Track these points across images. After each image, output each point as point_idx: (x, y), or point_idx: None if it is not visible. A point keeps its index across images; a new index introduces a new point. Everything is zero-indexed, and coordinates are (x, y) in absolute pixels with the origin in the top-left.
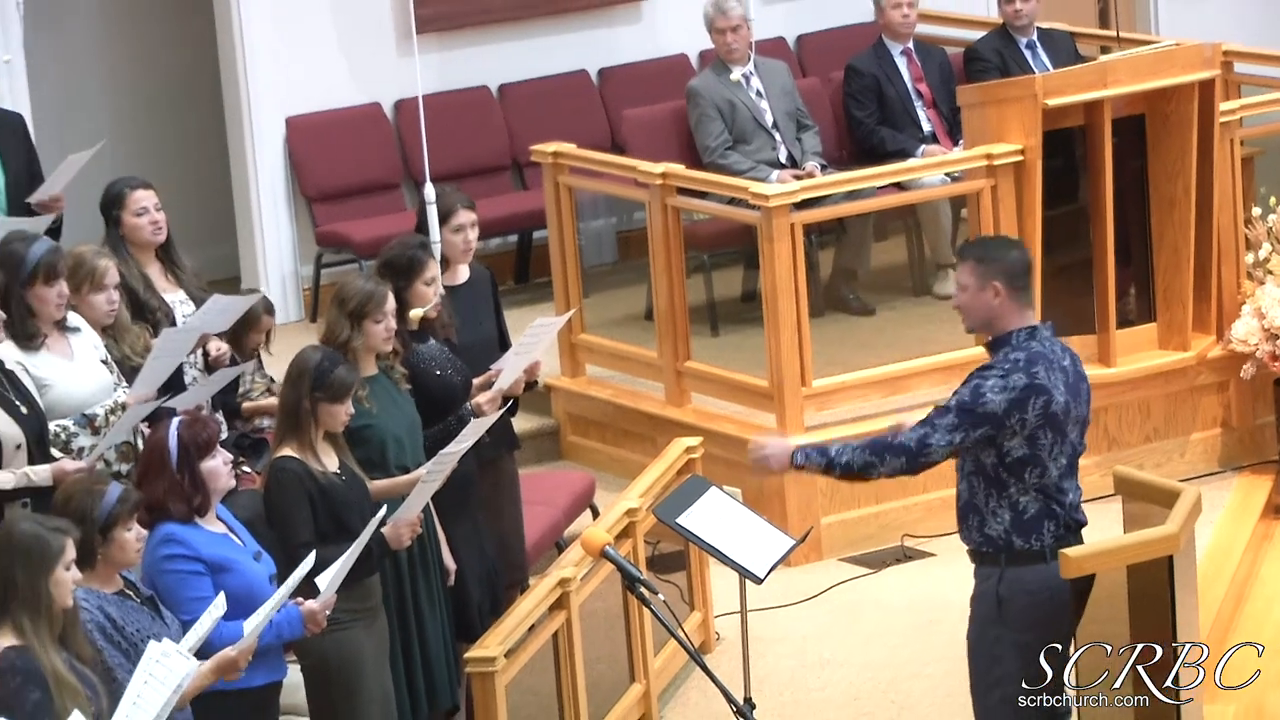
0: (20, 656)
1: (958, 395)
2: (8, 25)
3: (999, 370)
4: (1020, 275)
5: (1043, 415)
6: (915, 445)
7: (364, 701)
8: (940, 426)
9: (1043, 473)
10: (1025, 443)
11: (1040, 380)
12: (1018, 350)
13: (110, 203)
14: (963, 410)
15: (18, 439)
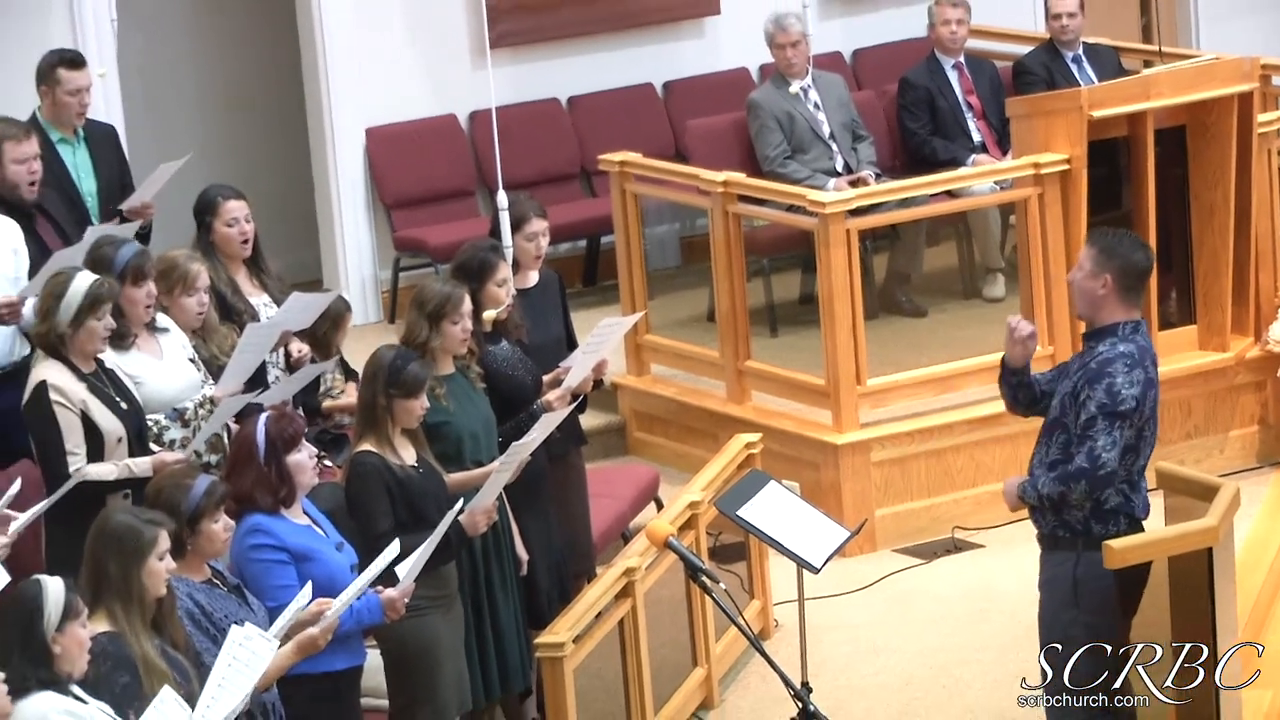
0: (112, 642)
1: (1094, 403)
2: (103, 41)
3: (1122, 366)
4: (1133, 276)
5: (1152, 408)
6: (1089, 464)
7: (440, 684)
8: (1098, 434)
9: (1133, 462)
10: (1135, 434)
11: (1151, 375)
12: (1125, 343)
13: (204, 209)
14: (1107, 414)
15: (119, 433)
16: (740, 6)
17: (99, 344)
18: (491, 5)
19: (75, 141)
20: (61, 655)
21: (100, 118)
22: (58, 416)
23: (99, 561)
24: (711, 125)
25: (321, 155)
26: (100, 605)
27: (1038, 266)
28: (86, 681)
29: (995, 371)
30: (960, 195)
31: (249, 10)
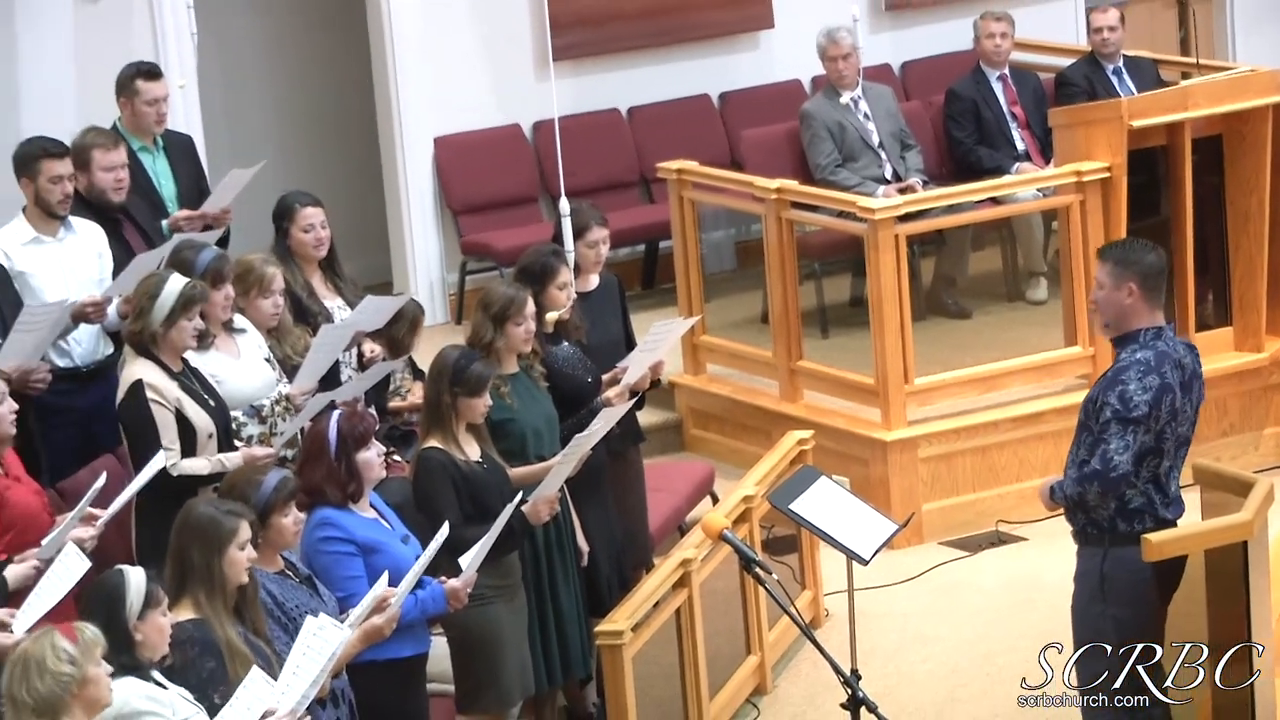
0: (198, 628)
1: (1109, 410)
2: (183, 54)
3: (1135, 373)
4: (1154, 278)
5: (1170, 412)
6: (1102, 465)
7: (504, 670)
8: (1111, 439)
9: (1158, 464)
10: (1154, 438)
11: (1168, 379)
12: (1145, 349)
13: (281, 214)
14: (1120, 420)
15: (209, 429)
16: (793, 20)
17: (188, 343)
18: (555, 19)
19: (155, 150)
20: (143, 642)
21: (180, 128)
22: (154, 414)
23: (183, 551)
24: (765, 135)
25: (392, 163)
26: (185, 593)
27: (1079, 270)
28: (174, 667)
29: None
30: (1004, 202)
31: (323, 24)
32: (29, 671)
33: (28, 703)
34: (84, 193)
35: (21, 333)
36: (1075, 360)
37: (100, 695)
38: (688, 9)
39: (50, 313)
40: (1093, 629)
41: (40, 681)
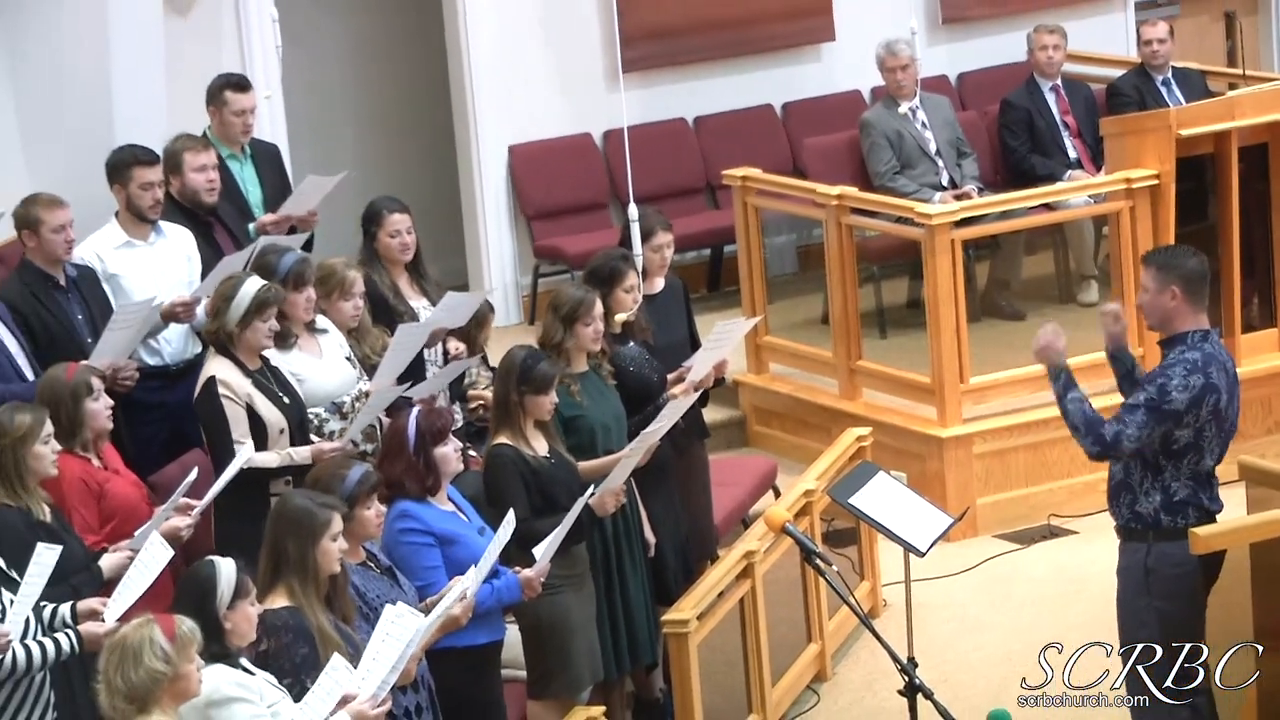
0: (292, 615)
1: (1145, 394)
2: (269, 66)
3: (1181, 370)
4: (1196, 282)
5: (1212, 411)
6: (1111, 438)
7: (573, 657)
8: (1132, 423)
9: (1198, 461)
10: (1193, 434)
11: (1214, 380)
12: (1192, 350)
13: (370, 219)
14: (1151, 409)
15: (281, 424)
16: (854, 33)
17: (263, 343)
18: (624, 32)
19: (243, 158)
20: (232, 631)
21: (266, 136)
22: (225, 409)
23: (278, 541)
24: (826, 143)
25: (468, 170)
26: (280, 582)
27: (1129, 274)
28: (268, 653)
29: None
30: (1057, 208)
31: (402, 38)
32: (125, 661)
33: (121, 689)
34: (177, 195)
35: (114, 331)
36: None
37: (190, 689)
38: (752, 23)
39: (140, 311)
40: (1138, 621)
41: (135, 673)
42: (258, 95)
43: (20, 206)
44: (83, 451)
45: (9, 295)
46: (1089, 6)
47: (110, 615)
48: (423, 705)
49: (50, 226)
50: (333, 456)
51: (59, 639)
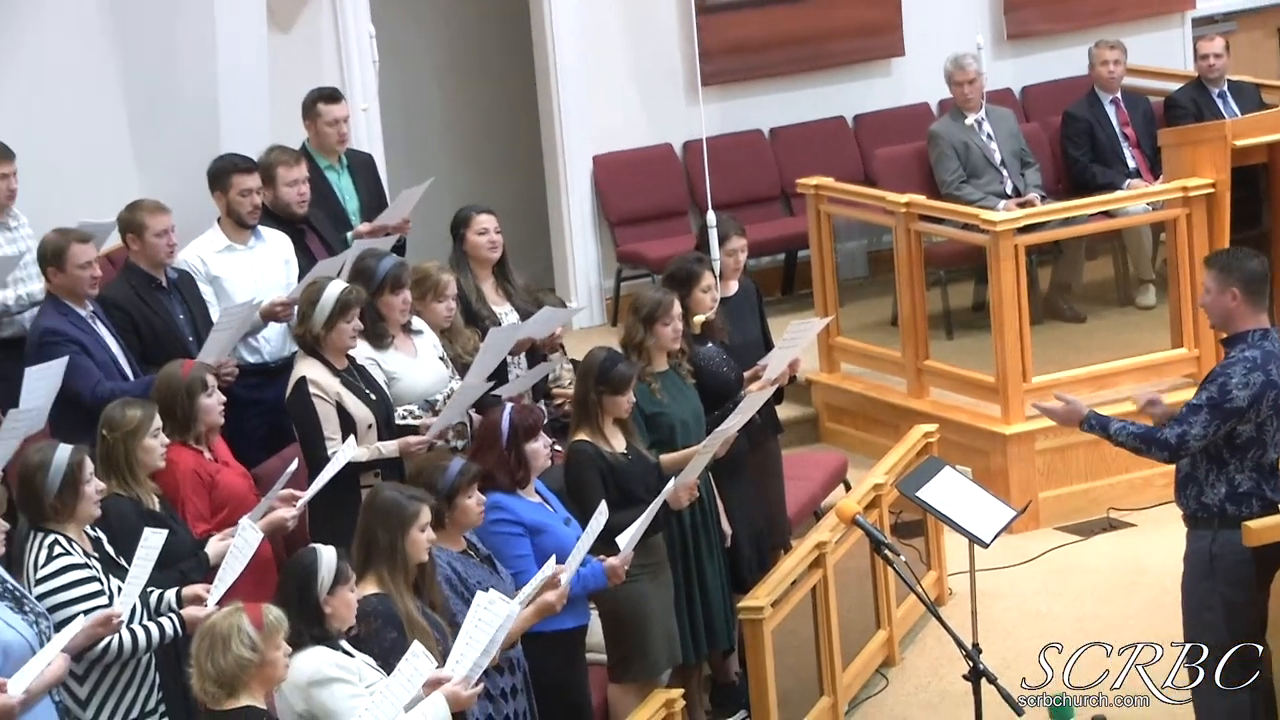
0: (382, 602)
1: (1207, 393)
2: (366, 80)
3: (1241, 369)
4: (1256, 283)
5: (1273, 407)
6: (1176, 441)
7: (652, 642)
8: (1196, 423)
9: (1262, 454)
10: (1255, 429)
11: (1273, 377)
12: (1253, 349)
13: (459, 223)
14: (1214, 407)
15: (369, 420)
16: (923, 48)
17: (348, 343)
18: (704, 48)
19: (340, 168)
20: (332, 615)
21: (363, 147)
22: (316, 408)
23: (369, 531)
24: (896, 153)
25: (555, 179)
26: (370, 570)
27: (1185, 278)
28: (359, 637)
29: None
30: (1116, 215)
31: (492, 53)
32: (215, 647)
33: (210, 674)
34: (270, 206)
35: (219, 331)
36: (1181, 361)
37: (276, 675)
38: (826, 38)
39: (241, 312)
40: (1202, 605)
41: (223, 659)
42: (355, 107)
43: (125, 212)
44: (195, 444)
45: (116, 296)
46: (1148, 23)
47: (212, 600)
48: (518, 687)
49: (153, 231)
50: (419, 448)
51: (163, 623)
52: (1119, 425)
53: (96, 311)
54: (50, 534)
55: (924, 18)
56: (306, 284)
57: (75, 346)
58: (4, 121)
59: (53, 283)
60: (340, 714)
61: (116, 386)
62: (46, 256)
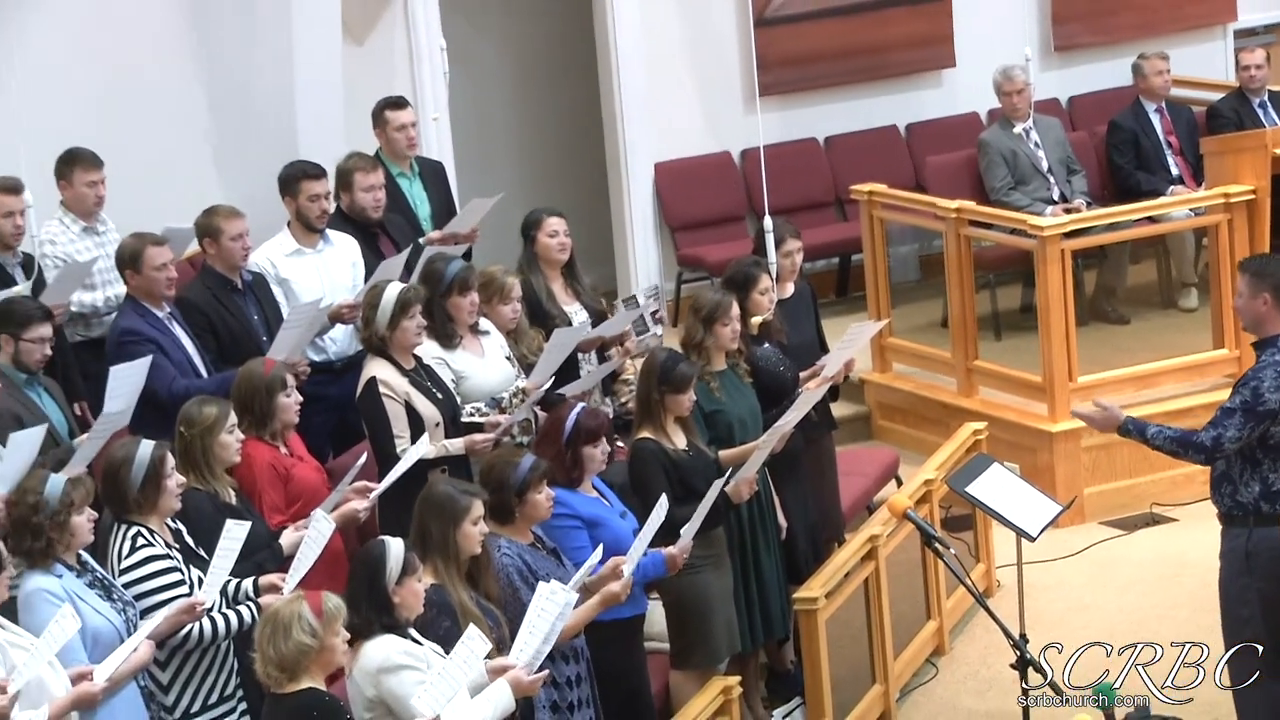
0: (437, 592)
1: (1240, 396)
2: (437, 91)
3: (1272, 373)
4: None
5: None
6: (1211, 444)
7: (712, 630)
8: (1230, 426)
9: None
10: None
11: None
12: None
13: (530, 224)
14: (1247, 410)
15: (436, 418)
16: (973, 60)
17: (413, 340)
18: (761, 60)
19: (411, 175)
20: (400, 604)
21: (433, 155)
22: (386, 407)
23: (423, 524)
24: (947, 161)
25: (618, 186)
26: (425, 561)
27: (1226, 281)
28: (416, 626)
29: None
30: (1160, 220)
31: (558, 65)
32: (276, 634)
33: (273, 659)
34: (346, 210)
35: (287, 330)
36: (1222, 361)
37: (335, 660)
38: (879, 50)
39: (308, 311)
40: (1239, 601)
41: (284, 645)
42: (426, 117)
43: (201, 217)
44: (272, 440)
45: (193, 298)
46: (1191, 35)
47: (287, 588)
48: (582, 675)
49: (229, 235)
50: (484, 446)
51: (241, 611)
52: (1155, 430)
53: (174, 313)
54: (133, 526)
55: (974, 31)
56: (369, 287)
57: (152, 346)
58: (92, 131)
59: (130, 285)
60: (408, 699)
61: (191, 384)
62: (124, 259)
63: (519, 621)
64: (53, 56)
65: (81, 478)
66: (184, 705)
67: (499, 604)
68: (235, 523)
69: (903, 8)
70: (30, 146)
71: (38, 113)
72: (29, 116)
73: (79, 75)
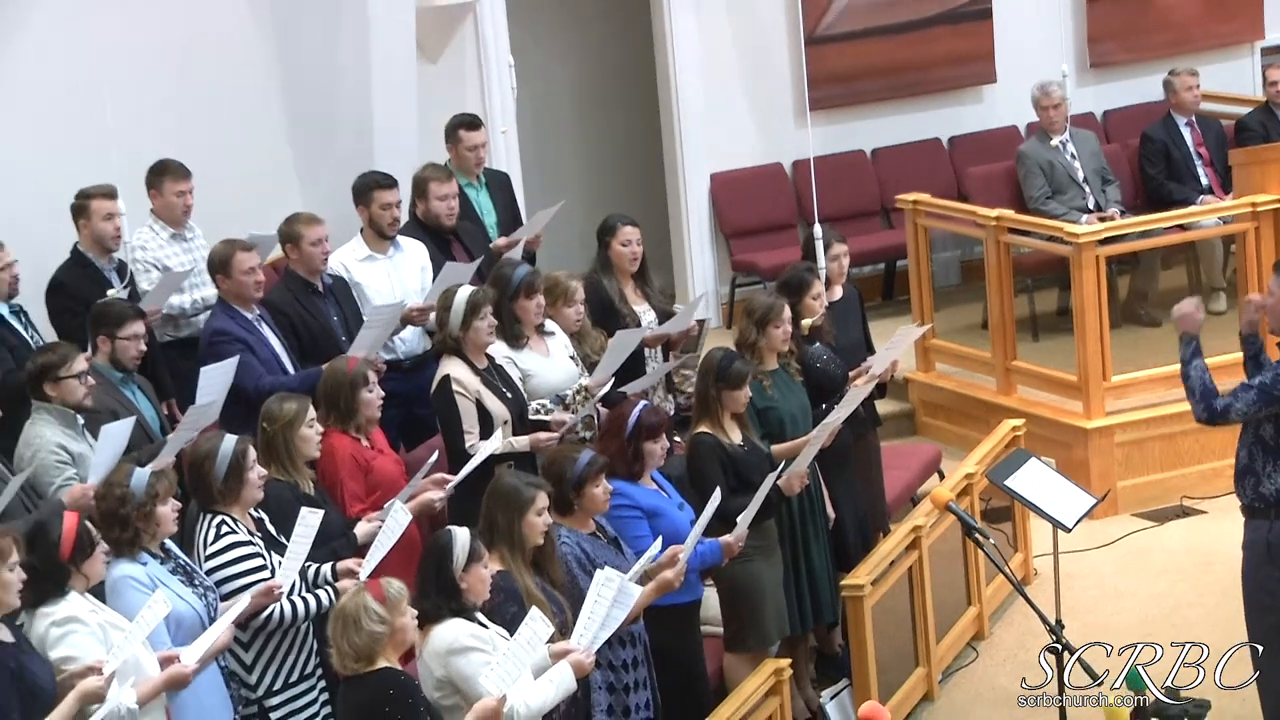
0: (504, 579)
1: (1261, 379)
2: (505, 106)
3: None
4: None
5: None
6: (1220, 409)
7: (764, 615)
8: (1243, 400)
9: None
10: None
11: None
12: None
13: (605, 231)
14: (1263, 390)
15: (505, 415)
16: (1012, 76)
17: (485, 339)
18: (811, 76)
19: (478, 186)
20: (467, 590)
21: (501, 166)
22: (458, 404)
23: (491, 514)
24: (987, 172)
25: (675, 195)
26: (492, 549)
27: (1254, 286)
28: (483, 611)
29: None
30: (1190, 228)
31: (619, 81)
32: (347, 627)
33: (348, 651)
34: (421, 217)
35: (367, 329)
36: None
37: (407, 639)
38: (923, 67)
39: (388, 312)
40: (1263, 590)
41: (357, 636)
42: (494, 130)
43: (284, 224)
44: (355, 433)
45: (277, 300)
46: (1221, 52)
47: (363, 573)
48: (639, 659)
49: (309, 240)
50: (549, 443)
51: (319, 595)
52: (1198, 363)
53: (263, 314)
54: (218, 515)
55: (1014, 48)
56: (439, 287)
57: (241, 346)
58: (182, 144)
59: (221, 288)
60: (475, 679)
61: (276, 381)
62: (215, 264)
63: (580, 606)
64: (143, 72)
65: (165, 471)
66: (266, 684)
67: (563, 590)
68: (309, 510)
69: (946, 27)
70: (122, 157)
71: (129, 125)
72: (121, 129)
73: (168, 90)
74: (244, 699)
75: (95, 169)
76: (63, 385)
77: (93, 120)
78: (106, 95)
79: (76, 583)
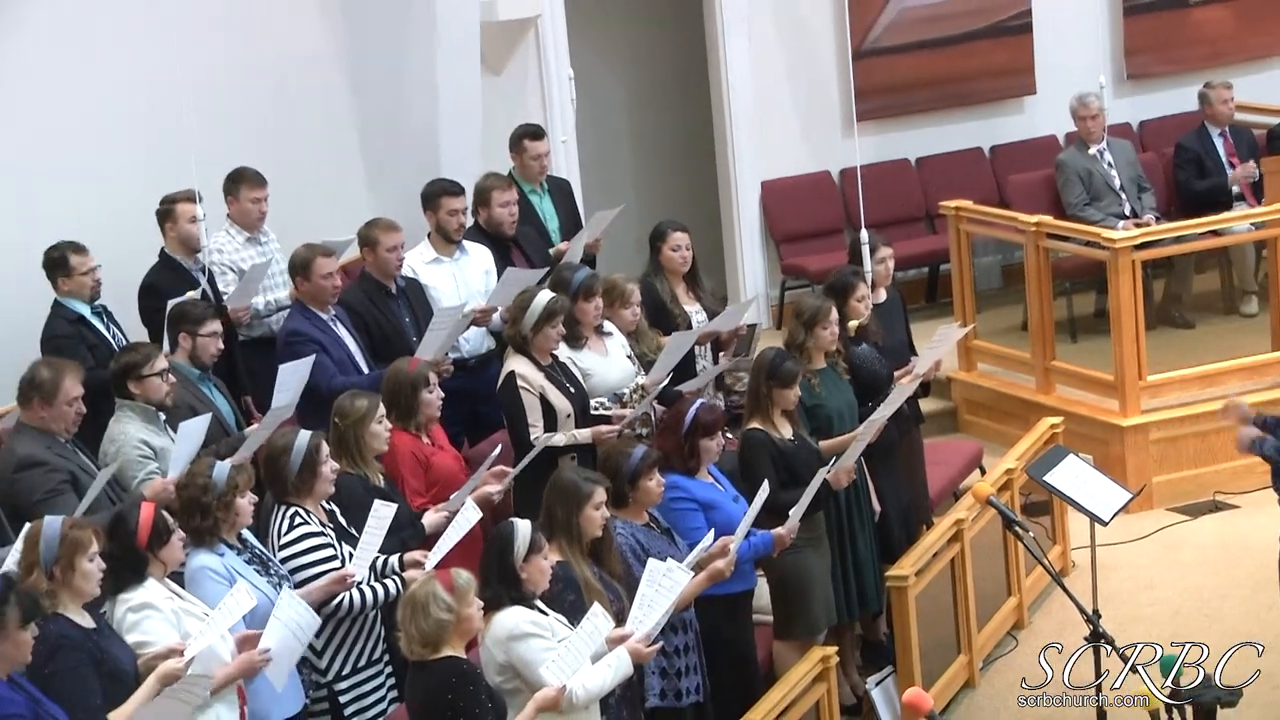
0: (562, 569)
1: None
2: (565, 116)
3: None
4: None
5: None
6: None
7: (812, 605)
8: None
9: None
10: None
11: None
12: None
13: (656, 236)
14: None
15: (568, 410)
16: (1052, 87)
17: (552, 345)
18: (859, 88)
19: (541, 192)
20: (527, 579)
21: (561, 173)
22: (523, 399)
23: (550, 507)
24: (1027, 179)
25: (728, 201)
26: (552, 540)
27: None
28: (543, 599)
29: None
30: (1223, 234)
31: (674, 92)
32: (416, 614)
33: (416, 637)
34: (483, 224)
35: (433, 332)
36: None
37: (473, 629)
38: (966, 79)
39: (454, 314)
40: None
41: (425, 623)
42: (555, 139)
43: (364, 228)
44: (416, 431)
45: (352, 301)
46: (1252, 65)
47: (430, 564)
48: (690, 645)
49: (385, 246)
50: (610, 436)
51: (388, 584)
52: (1259, 440)
53: (339, 314)
54: (292, 507)
55: (1053, 61)
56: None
57: (315, 346)
58: (256, 153)
59: (299, 290)
60: (535, 664)
61: (347, 380)
62: (295, 267)
63: (634, 594)
64: (223, 86)
65: (244, 464)
66: (336, 668)
67: (620, 580)
68: (382, 503)
69: (988, 40)
70: (200, 164)
71: (206, 135)
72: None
73: (243, 102)
74: (314, 683)
75: (174, 177)
76: (146, 383)
77: (172, 131)
78: (185, 106)
79: (155, 569)
